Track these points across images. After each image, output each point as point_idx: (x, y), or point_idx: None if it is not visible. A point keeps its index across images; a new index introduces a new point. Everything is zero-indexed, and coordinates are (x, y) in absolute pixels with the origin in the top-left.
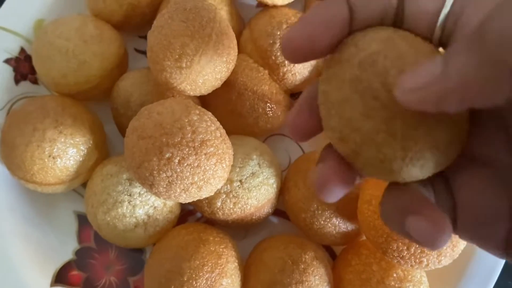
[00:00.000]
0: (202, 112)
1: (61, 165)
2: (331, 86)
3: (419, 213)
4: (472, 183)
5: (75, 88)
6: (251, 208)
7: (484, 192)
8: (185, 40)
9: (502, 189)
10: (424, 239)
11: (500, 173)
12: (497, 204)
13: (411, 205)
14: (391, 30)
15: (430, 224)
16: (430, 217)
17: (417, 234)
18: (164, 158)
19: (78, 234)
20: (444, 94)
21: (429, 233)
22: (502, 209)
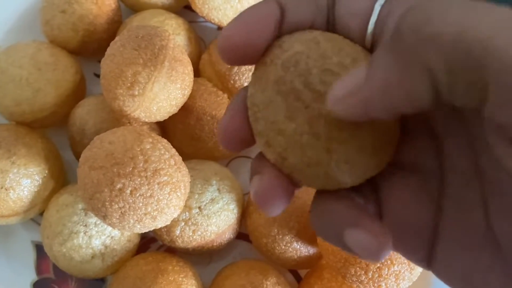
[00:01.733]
0: (156, 140)
1: (14, 197)
2: (256, 88)
3: (358, 225)
4: (399, 191)
5: (30, 117)
6: (212, 235)
7: (410, 201)
8: (137, 68)
9: (427, 197)
10: (365, 252)
11: (426, 180)
12: (421, 214)
13: (348, 216)
14: (318, 32)
15: (371, 237)
16: (370, 229)
17: (358, 247)
18: (115, 189)
19: (37, 264)
20: (370, 100)
21: (371, 246)
22: (426, 220)
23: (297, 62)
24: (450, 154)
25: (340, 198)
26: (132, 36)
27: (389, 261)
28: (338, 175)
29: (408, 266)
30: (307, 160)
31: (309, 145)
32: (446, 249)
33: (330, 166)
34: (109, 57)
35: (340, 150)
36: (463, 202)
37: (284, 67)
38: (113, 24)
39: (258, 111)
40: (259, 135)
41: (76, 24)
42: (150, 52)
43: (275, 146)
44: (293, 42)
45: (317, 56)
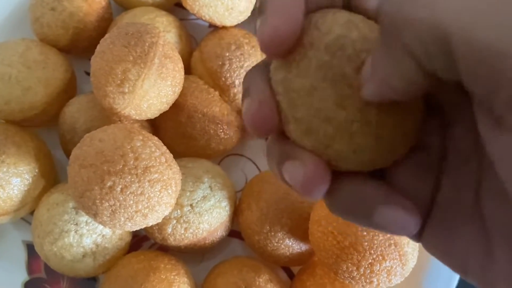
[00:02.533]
0: (146, 138)
1: (4, 196)
2: (292, 73)
3: (390, 202)
4: (402, 164)
5: (20, 115)
6: (204, 232)
7: (411, 174)
8: (127, 65)
9: (428, 172)
10: (401, 227)
11: (429, 156)
12: (420, 188)
13: (379, 194)
14: (347, 13)
15: (405, 212)
16: (403, 205)
17: (393, 223)
18: (105, 187)
19: (28, 264)
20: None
21: (407, 220)
22: (424, 193)
23: (343, 46)
24: (454, 133)
25: (361, 179)
26: (122, 33)
27: (380, 257)
28: (380, 160)
29: (400, 262)
30: (354, 147)
31: (360, 132)
32: (437, 223)
33: (377, 151)
34: (98, 54)
35: (388, 137)
36: (459, 179)
37: (329, 51)
38: (104, 21)
39: (298, 98)
40: (297, 122)
41: (66, 22)
42: (140, 49)
43: (319, 133)
44: (330, 24)
45: (361, 39)
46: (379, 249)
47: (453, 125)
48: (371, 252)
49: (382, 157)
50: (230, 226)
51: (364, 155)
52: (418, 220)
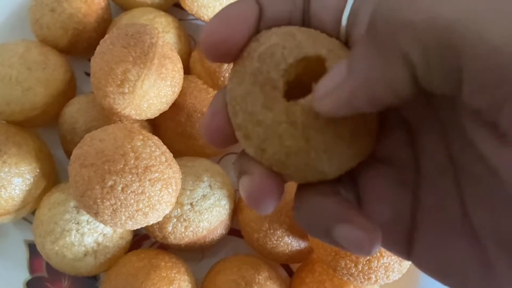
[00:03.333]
0: (146, 137)
1: (6, 196)
2: (234, 82)
3: (348, 221)
4: (376, 184)
5: (21, 116)
6: (204, 231)
7: (387, 193)
8: (126, 65)
9: (404, 189)
10: (357, 247)
11: (402, 172)
12: (398, 206)
13: (337, 212)
14: (294, 27)
15: (361, 232)
16: (361, 224)
17: (349, 243)
18: (106, 186)
19: (30, 263)
20: (354, 94)
21: (362, 241)
22: (403, 211)
23: (273, 53)
24: (424, 145)
25: (326, 193)
26: (122, 34)
27: (378, 254)
28: (318, 164)
29: (397, 258)
30: (286, 150)
31: (287, 134)
32: (424, 239)
33: (310, 155)
34: (98, 55)
35: (318, 138)
36: (439, 191)
37: (260, 59)
38: (103, 22)
39: (236, 104)
40: (238, 128)
41: (66, 23)
42: (139, 49)
43: (254, 138)
44: (269, 35)
45: (293, 46)
46: None
47: (421, 137)
48: None
49: (319, 163)
50: (230, 224)
51: (297, 159)
52: (375, 241)
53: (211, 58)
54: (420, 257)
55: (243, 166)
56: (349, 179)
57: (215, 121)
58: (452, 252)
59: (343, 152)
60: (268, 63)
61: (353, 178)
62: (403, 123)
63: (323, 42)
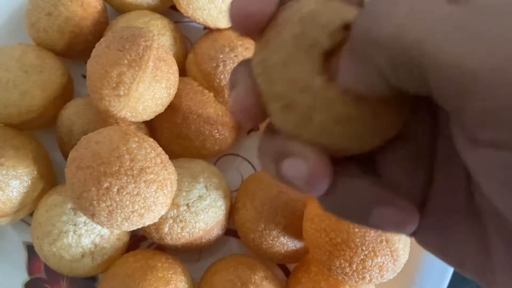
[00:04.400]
0: (142, 139)
1: (3, 198)
2: (268, 51)
3: (387, 203)
4: (393, 159)
5: (18, 119)
6: (200, 231)
7: (403, 169)
8: (122, 68)
9: (420, 167)
10: (399, 228)
11: (419, 151)
12: (412, 182)
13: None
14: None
15: (401, 212)
16: (399, 204)
17: (391, 224)
18: (102, 188)
19: (28, 265)
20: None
21: (404, 221)
22: (416, 187)
23: (315, 17)
24: (444, 129)
25: (359, 175)
26: (117, 37)
27: (372, 253)
28: (365, 132)
29: (391, 258)
30: (335, 116)
31: (339, 99)
32: (430, 218)
33: (360, 122)
34: (94, 58)
35: (368, 107)
36: (450, 174)
37: (301, 23)
38: (99, 25)
39: (274, 72)
40: (276, 99)
41: (62, 27)
42: (134, 52)
43: (299, 106)
44: (303, 3)
45: (334, 11)
46: (370, 245)
47: (442, 120)
48: (363, 248)
49: (368, 131)
50: (226, 225)
51: (347, 126)
52: (415, 219)
53: (241, 32)
54: (423, 234)
55: (284, 147)
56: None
57: (249, 99)
58: (455, 232)
59: (387, 121)
60: (312, 25)
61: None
62: (426, 103)
63: (355, 11)
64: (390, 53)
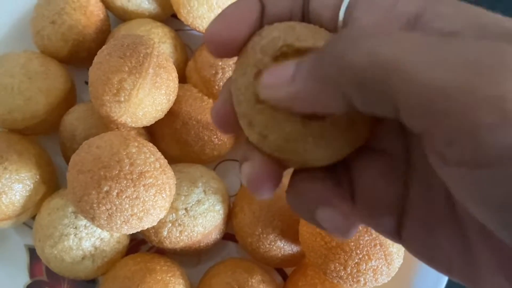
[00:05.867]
0: (141, 144)
1: (6, 201)
2: (238, 73)
3: (329, 204)
4: (369, 171)
5: (22, 124)
6: (198, 235)
7: (378, 180)
8: (122, 75)
9: (395, 177)
10: (335, 229)
11: (393, 162)
12: (389, 192)
13: (321, 196)
14: (296, 22)
15: (340, 215)
16: (341, 208)
17: (329, 225)
18: (102, 191)
19: (30, 267)
20: (292, 97)
21: (340, 224)
22: (393, 197)
23: (274, 45)
24: (416, 140)
25: (315, 179)
26: (118, 45)
27: (366, 257)
28: (315, 150)
29: (385, 261)
30: (285, 135)
31: (287, 121)
32: (413, 226)
33: (308, 140)
34: (96, 65)
35: (316, 125)
36: (427, 183)
37: (262, 51)
38: (102, 33)
39: (240, 94)
40: (242, 116)
41: (66, 34)
42: (135, 60)
43: (256, 125)
44: (271, 30)
45: (293, 39)
46: (365, 249)
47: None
48: (357, 252)
49: (316, 149)
50: (224, 229)
51: (296, 145)
52: (352, 225)
53: (214, 55)
54: (409, 242)
55: (245, 153)
56: (342, 166)
57: (224, 109)
58: (438, 238)
59: (339, 139)
60: (270, 54)
61: (347, 164)
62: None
63: (323, 35)
64: (361, 75)
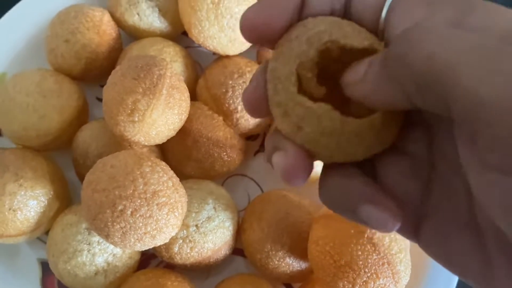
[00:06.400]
0: (155, 163)
1: (21, 217)
2: (279, 62)
3: (372, 201)
4: (392, 170)
5: (36, 141)
6: (208, 251)
7: (401, 180)
8: (136, 96)
9: (417, 179)
10: (381, 226)
11: (417, 164)
12: (410, 193)
13: (363, 192)
14: (340, 18)
15: (386, 212)
16: (384, 204)
17: (373, 222)
18: (117, 210)
19: (42, 281)
20: (365, 94)
21: (387, 220)
22: (414, 198)
23: (320, 38)
24: (440, 144)
25: (351, 175)
26: (132, 66)
27: (374, 275)
28: (348, 146)
29: (392, 280)
30: (322, 129)
31: (326, 116)
32: (432, 227)
33: (342, 137)
34: (110, 86)
35: (353, 123)
36: (449, 189)
37: (308, 42)
38: (114, 51)
39: (279, 83)
40: (278, 105)
41: (79, 53)
42: (149, 81)
43: (293, 115)
44: (317, 22)
45: (339, 35)
46: (373, 267)
47: (439, 137)
48: (365, 270)
49: (349, 146)
50: (234, 245)
51: (331, 139)
52: (397, 220)
53: (248, 40)
54: (426, 242)
55: (277, 143)
56: (368, 163)
57: (255, 94)
58: (456, 243)
59: (372, 138)
60: (316, 47)
61: (372, 162)
62: (424, 122)
63: (366, 35)
64: (420, 77)
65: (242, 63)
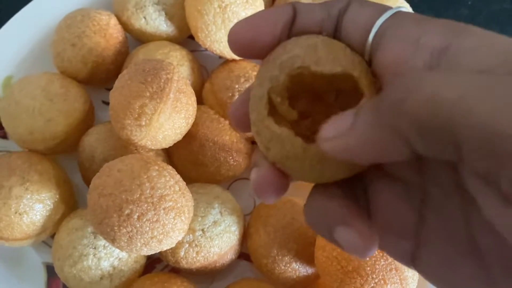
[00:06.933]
0: (162, 168)
1: (27, 221)
2: (256, 82)
3: (348, 224)
4: (385, 195)
5: (42, 144)
6: (214, 256)
7: (394, 205)
8: (144, 100)
9: (410, 205)
10: (353, 249)
11: (409, 190)
12: (404, 219)
13: (340, 214)
14: (321, 38)
15: (359, 236)
16: (359, 229)
17: (347, 244)
18: (123, 214)
19: (47, 285)
20: (350, 148)
21: (358, 245)
22: (408, 225)
23: (293, 64)
24: (432, 172)
25: (332, 196)
26: (139, 70)
27: (382, 281)
28: (310, 172)
29: (400, 286)
30: (285, 153)
31: (288, 141)
32: (429, 254)
33: (304, 162)
34: (117, 90)
35: (314, 150)
36: (444, 213)
37: (280, 67)
38: (120, 55)
39: (253, 103)
40: (252, 124)
41: (85, 57)
42: (156, 85)
43: (262, 136)
44: (295, 45)
45: (311, 61)
46: (380, 273)
47: (430, 163)
48: (373, 276)
49: (311, 171)
50: (239, 249)
51: (294, 163)
52: (370, 245)
53: (234, 53)
54: (425, 269)
55: (256, 159)
56: (360, 184)
57: (242, 110)
58: (458, 270)
59: (335, 166)
60: (286, 72)
61: (364, 184)
62: None
63: (342, 60)
64: (422, 121)
65: (248, 67)
